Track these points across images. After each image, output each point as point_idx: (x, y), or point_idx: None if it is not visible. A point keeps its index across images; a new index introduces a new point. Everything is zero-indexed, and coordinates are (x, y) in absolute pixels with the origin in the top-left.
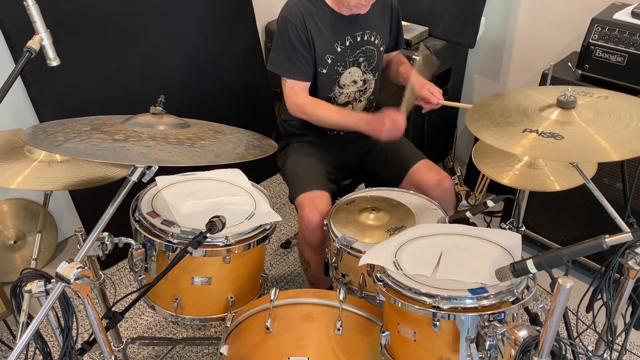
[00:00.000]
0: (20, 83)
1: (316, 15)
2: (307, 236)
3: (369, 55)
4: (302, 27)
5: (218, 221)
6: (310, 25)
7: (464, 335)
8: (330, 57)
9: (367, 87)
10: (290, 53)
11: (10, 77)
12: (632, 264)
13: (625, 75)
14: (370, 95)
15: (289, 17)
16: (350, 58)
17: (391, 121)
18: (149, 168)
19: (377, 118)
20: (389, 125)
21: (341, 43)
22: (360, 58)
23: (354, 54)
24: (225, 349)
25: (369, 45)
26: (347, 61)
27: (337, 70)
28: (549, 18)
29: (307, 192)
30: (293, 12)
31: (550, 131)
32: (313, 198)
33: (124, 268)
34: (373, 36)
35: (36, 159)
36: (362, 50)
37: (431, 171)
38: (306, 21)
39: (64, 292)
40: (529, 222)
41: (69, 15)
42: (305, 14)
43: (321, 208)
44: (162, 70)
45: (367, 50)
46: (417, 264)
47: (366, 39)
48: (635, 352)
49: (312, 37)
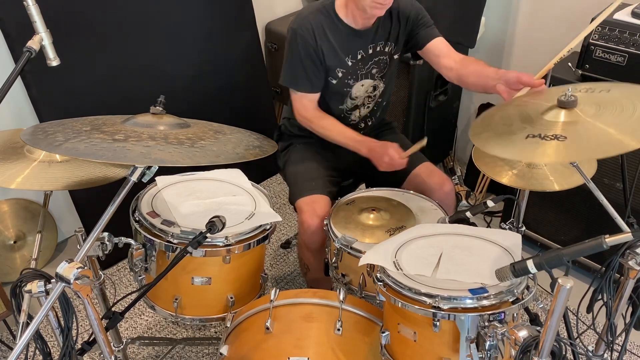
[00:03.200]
0: (20, 83)
1: (328, 28)
2: (306, 240)
3: (382, 65)
4: (312, 41)
5: (218, 221)
6: (320, 38)
7: (464, 336)
8: (341, 71)
9: (377, 92)
10: (299, 66)
11: (10, 77)
12: (632, 264)
13: (625, 75)
14: (378, 99)
15: (298, 30)
16: (362, 71)
17: (390, 160)
18: (149, 168)
19: (378, 150)
20: (387, 162)
21: (352, 57)
22: (374, 69)
23: (366, 66)
24: (225, 349)
25: (382, 55)
26: (358, 74)
27: (347, 83)
28: (549, 18)
29: (307, 196)
30: (303, 25)
31: (558, 133)
32: (312, 202)
33: (124, 268)
34: (387, 46)
35: (36, 159)
36: (374, 61)
37: (432, 174)
38: (316, 34)
39: (64, 292)
40: (529, 222)
41: (69, 15)
42: (316, 27)
43: (320, 212)
44: (162, 70)
45: (380, 60)
46: (417, 264)
47: (379, 50)
48: (635, 352)
49: (322, 50)
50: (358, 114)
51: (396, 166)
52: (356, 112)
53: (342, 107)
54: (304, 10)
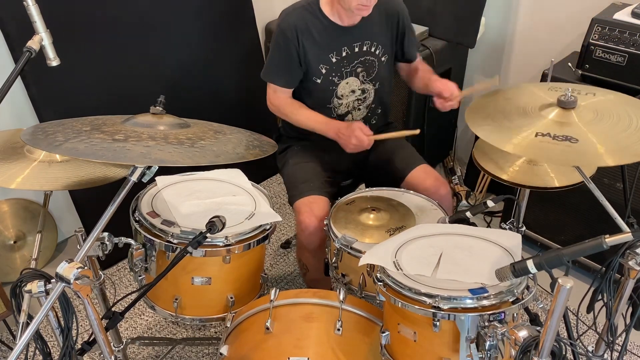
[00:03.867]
0: (20, 83)
1: (312, 24)
2: (304, 240)
3: (368, 66)
4: (293, 38)
5: (218, 221)
6: (303, 35)
7: (464, 336)
8: (325, 67)
9: (367, 96)
10: (277, 60)
11: (10, 77)
12: (632, 264)
13: (625, 75)
14: (370, 104)
15: (281, 25)
16: (347, 68)
17: (357, 141)
18: (149, 168)
19: (345, 132)
20: (354, 144)
21: (337, 54)
22: (359, 68)
23: (351, 64)
24: (225, 349)
25: (369, 55)
26: (343, 71)
27: (332, 80)
28: (549, 18)
29: (305, 197)
30: (287, 21)
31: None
32: (310, 203)
33: (124, 268)
34: (373, 46)
35: (36, 159)
36: (360, 60)
37: (429, 177)
38: (299, 32)
39: (64, 292)
40: (529, 222)
41: (69, 15)
42: (299, 24)
43: (318, 213)
44: (162, 70)
45: (367, 60)
46: (417, 264)
47: (365, 50)
48: (635, 352)
49: (304, 47)
50: (351, 118)
51: (364, 146)
52: (349, 117)
53: (330, 107)
54: (289, 7)
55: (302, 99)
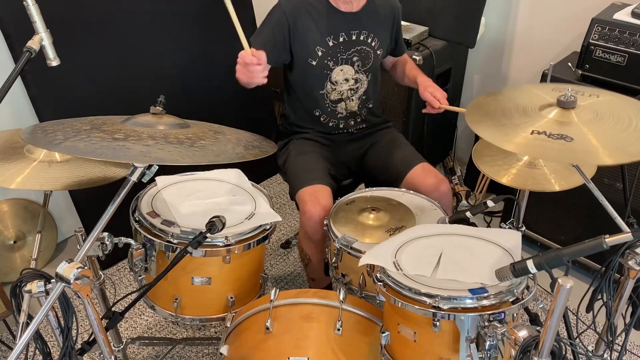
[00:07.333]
0: (20, 83)
1: (312, 6)
2: (309, 230)
3: (364, 56)
4: (291, 19)
5: (218, 221)
6: (302, 16)
7: (464, 336)
8: (321, 50)
9: (359, 86)
10: (264, 32)
11: (10, 77)
12: (632, 264)
13: (625, 75)
14: (362, 95)
15: (282, 3)
16: (343, 55)
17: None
18: (149, 168)
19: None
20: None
21: (334, 38)
22: (354, 57)
23: (347, 51)
24: (225, 349)
25: (365, 46)
26: (339, 57)
27: (327, 64)
28: (549, 18)
29: (309, 186)
30: (287, 2)
31: (558, 132)
32: (315, 192)
33: (124, 268)
34: (370, 38)
35: (36, 159)
36: (356, 49)
37: (429, 175)
38: (297, 13)
39: (63, 292)
40: (529, 222)
41: (69, 15)
42: (299, 5)
43: (323, 202)
44: (162, 70)
45: (362, 50)
46: (417, 264)
47: (362, 39)
48: (635, 352)
49: (298, 30)
50: (344, 106)
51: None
52: (342, 104)
53: (322, 93)
54: None
55: (296, 82)
